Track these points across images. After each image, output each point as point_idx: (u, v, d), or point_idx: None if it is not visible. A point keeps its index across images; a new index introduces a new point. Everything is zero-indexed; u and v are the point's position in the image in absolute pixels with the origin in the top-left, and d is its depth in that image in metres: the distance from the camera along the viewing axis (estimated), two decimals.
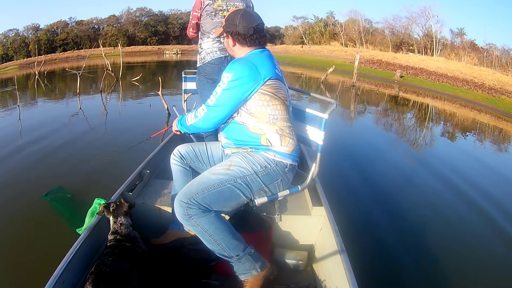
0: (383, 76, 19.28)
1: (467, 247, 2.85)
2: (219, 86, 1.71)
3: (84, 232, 1.77)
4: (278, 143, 1.77)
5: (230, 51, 1.90)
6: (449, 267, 2.54)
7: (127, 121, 6.94)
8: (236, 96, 1.69)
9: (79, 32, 45.30)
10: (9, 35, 41.62)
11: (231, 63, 1.72)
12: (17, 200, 3.26)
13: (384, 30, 39.39)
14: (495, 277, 2.52)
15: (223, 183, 1.69)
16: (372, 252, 2.61)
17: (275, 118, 1.75)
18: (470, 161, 5.41)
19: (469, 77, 18.32)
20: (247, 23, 1.75)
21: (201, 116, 1.77)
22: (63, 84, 13.26)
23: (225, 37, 1.87)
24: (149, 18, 50.32)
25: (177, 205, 1.64)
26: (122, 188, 2.20)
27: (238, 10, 1.81)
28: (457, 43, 33.21)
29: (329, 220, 1.92)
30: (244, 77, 1.66)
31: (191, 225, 1.64)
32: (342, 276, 1.55)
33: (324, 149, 1.95)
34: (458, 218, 3.33)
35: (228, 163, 1.78)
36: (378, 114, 9.40)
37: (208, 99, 1.75)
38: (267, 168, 1.76)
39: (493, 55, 27.38)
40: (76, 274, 1.62)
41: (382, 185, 3.99)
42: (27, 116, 7.07)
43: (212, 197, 1.66)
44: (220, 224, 1.66)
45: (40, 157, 4.42)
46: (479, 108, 12.49)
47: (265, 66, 1.71)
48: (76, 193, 3.33)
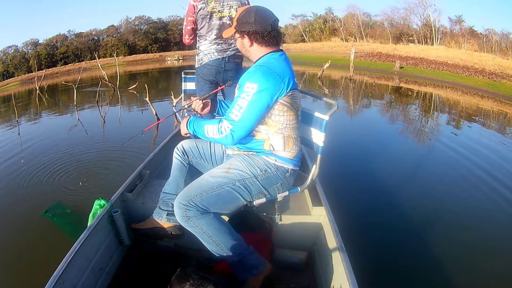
0: (383, 68, 19.16)
1: (467, 249, 2.80)
2: (243, 99, 1.60)
3: (84, 232, 1.78)
4: (281, 148, 1.76)
5: (246, 52, 1.79)
6: (450, 267, 2.53)
7: (123, 129, 6.99)
8: (262, 108, 1.63)
9: (79, 44, 45.54)
10: (9, 52, 41.87)
11: (254, 72, 1.63)
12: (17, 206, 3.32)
13: (383, 23, 39.16)
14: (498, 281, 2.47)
15: (221, 186, 1.70)
16: (372, 252, 2.60)
17: (285, 127, 1.74)
18: (474, 156, 5.17)
19: (470, 64, 18.10)
20: (263, 20, 1.65)
21: (226, 133, 1.64)
22: (64, 98, 13.37)
23: (238, 38, 1.75)
24: (148, 26, 50.40)
25: (176, 207, 1.66)
26: (122, 188, 2.21)
27: (250, 7, 1.70)
28: (456, 31, 32.91)
29: (329, 220, 1.91)
30: (270, 88, 1.59)
31: (190, 226, 1.66)
32: (342, 276, 1.55)
33: (324, 149, 1.95)
34: (458, 218, 3.27)
35: (227, 166, 1.78)
36: (376, 108, 9.31)
37: (230, 113, 1.64)
38: (267, 172, 1.76)
39: (492, 40, 27.07)
40: (76, 274, 1.64)
41: (382, 185, 3.96)
42: (26, 131, 7.18)
43: (210, 200, 1.67)
44: (219, 225, 1.68)
45: (39, 171, 4.44)
46: (480, 94, 12.36)
47: (287, 75, 1.65)
48: (75, 206, 3.34)
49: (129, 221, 2.20)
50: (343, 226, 1.91)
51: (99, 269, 1.88)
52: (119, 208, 2.08)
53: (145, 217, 2.18)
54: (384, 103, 10.13)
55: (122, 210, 2.09)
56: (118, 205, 2.13)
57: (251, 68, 1.71)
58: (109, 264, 1.99)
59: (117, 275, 2.01)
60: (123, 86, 13.16)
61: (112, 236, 2.07)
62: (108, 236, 2.03)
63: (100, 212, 1.99)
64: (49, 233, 2.84)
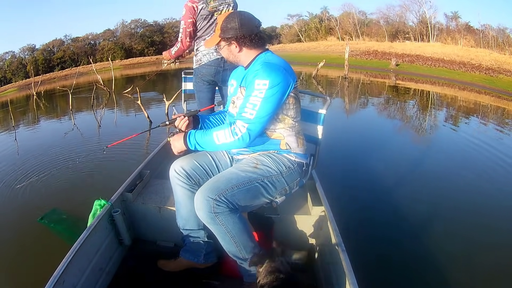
0: (378, 66, 19.19)
1: (468, 247, 2.80)
2: (256, 97, 1.56)
3: (84, 232, 1.77)
4: (295, 145, 1.78)
5: (234, 59, 1.75)
6: (450, 267, 2.52)
7: (119, 129, 6.96)
8: (276, 104, 1.61)
9: (76, 49, 45.35)
10: (6, 58, 41.77)
11: (262, 69, 1.59)
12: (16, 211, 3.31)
13: (379, 21, 39.14)
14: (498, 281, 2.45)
15: (251, 181, 1.65)
16: (373, 252, 2.60)
17: (295, 120, 1.75)
18: (472, 153, 5.18)
19: (466, 59, 18.11)
20: (249, 23, 1.65)
21: (242, 133, 1.58)
22: (61, 103, 13.33)
23: (225, 46, 1.71)
24: (144, 29, 50.23)
25: (203, 201, 1.53)
26: (122, 188, 2.21)
27: (231, 13, 1.67)
28: (453, 27, 32.87)
29: (329, 220, 1.91)
30: (282, 82, 1.58)
31: (215, 224, 1.57)
32: (342, 276, 1.55)
33: (322, 148, 1.98)
34: (458, 217, 3.25)
35: (255, 161, 1.74)
36: (372, 106, 9.29)
37: (243, 113, 1.59)
38: (290, 168, 1.77)
39: (489, 36, 27.04)
40: (76, 274, 1.64)
41: (382, 184, 3.96)
42: (22, 136, 7.22)
43: (240, 195, 1.61)
44: (243, 226, 1.64)
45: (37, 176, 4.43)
46: (477, 89, 12.37)
47: (290, 68, 1.66)
48: (70, 210, 3.32)
49: (129, 221, 2.21)
50: (343, 226, 1.92)
51: (99, 269, 1.88)
52: (119, 208, 2.08)
53: (145, 217, 2.20)
54: (380, 101, 10.12)
55: (122, 210, 2.10)
56: (118, 205, 2.13)
57: (252, 68, 1.68)
58: (109, 264, 1.99)
59: (117, 275, 2.02)
60: (120, 89, 13.16)
61: (112, 236, 2.08)
62: (108, 236, 2.04)
63: (100, 212, 1.99)
64: (48, 233, 2.84)
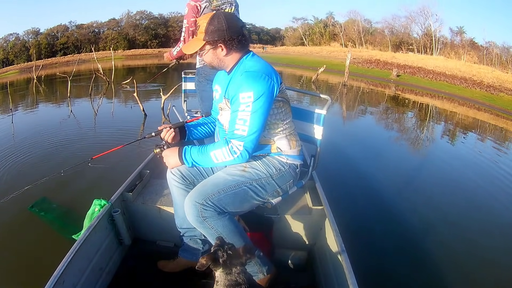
0: (380, 75, 19.23)
1: (467, 246, 2.83)
2: (244, 111, 1.52)
3: (84, 232, 1.76)
4: (287, 147, 1.75)
5: (219, 63, 1.65)
6: (449, 266, 2.54)
7: (113, 125, 6.96)
8: (266, 114, 1.56)
9: (79, 36, 45.27)
10: (9, 39, 41.60)
11: (243, 81, 1.52)
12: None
13: (383, 30, 39.32)
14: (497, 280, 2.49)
15: (239, 185, 1.64)
16: (372, 252, 2.62)
17: (284, 122, 1.71)
18: (470, 159, 5.34)
19: (468, 75, 18.19)
20: (235, 24, 1.57)
21: (240, 151, 1.55)
22: (60, 88, 13.30)
23: (210, 50, 1.60)
24: (149, 21, 50.24)
25: (190, 206, 1.56)
26: (122, 188, 2.19)
27: (214, 14, 1.56)
28: (457, 42, 33.07)
29: (329, 220, 1.91)
30: (266, 91, 1.52)
31: (204, 227, 1.58)
32: (342, 276, 1.54)
33: (323, 150, 1.98)
34: (458, 217, 3.31)
35: (243, 165, 1.71)
36: (372, 114, 9.34)
37: (235, 131, 1.55)
38: (281, 171, 1.74)
39: (493, 53, 27.21)
40: (76, 274, 1.63)
41: (382, 185, 4.01)
42: (18, 120, 7.23)
43: (228, 199, 1.61)
44: (233, 227, 1.63)
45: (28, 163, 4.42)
46: (477, 106, 12.40)
47: (272, 71, 1.59)
48: (61, 201, 3.31)
49: (129, 221, 2.20)
50: (343, 226, 1.92)
51: (99, 269, 1.87)
52: (119, 208, 2.06)
53: (145, 217, 2.19)
54: (380, 108, 10.19)
55: (122, 210, 2.08)
56: (118, 205, 2.11)
57: (234, 78, 1.62)
58: (109, 264, 1.98)
59: (117, 275, 2.01)
60: (120, 80, 13.14)
61: (112, 236, 2.07)
62: (108, 236, 2.02)
63: (100, 212, 1.97)
64: (48, 233, 2.81)
